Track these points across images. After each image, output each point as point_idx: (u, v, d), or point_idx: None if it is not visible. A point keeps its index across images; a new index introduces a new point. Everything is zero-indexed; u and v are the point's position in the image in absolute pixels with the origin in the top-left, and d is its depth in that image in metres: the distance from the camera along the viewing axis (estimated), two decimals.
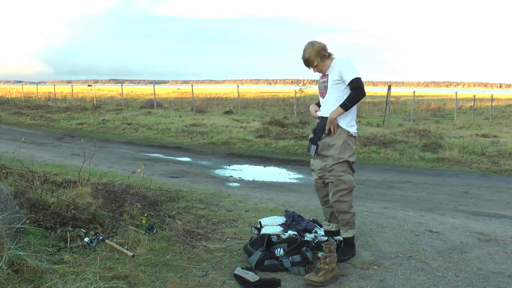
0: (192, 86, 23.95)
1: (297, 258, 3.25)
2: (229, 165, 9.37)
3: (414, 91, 20.05)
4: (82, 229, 3.65)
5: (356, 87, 3.28)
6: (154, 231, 3.79)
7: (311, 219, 4.25)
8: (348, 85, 3.31)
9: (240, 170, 8.91)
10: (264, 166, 9.53)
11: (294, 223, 4.03)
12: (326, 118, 3.40)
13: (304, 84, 22.36)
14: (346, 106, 3.31)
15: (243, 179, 7.79)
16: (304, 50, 3.40)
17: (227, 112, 20.51)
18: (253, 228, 4.02)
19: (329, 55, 3.42)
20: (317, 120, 3.58)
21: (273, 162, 10.02)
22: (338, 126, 3.36)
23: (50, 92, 34.62)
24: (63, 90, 41.19)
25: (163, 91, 49.61)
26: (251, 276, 3.02)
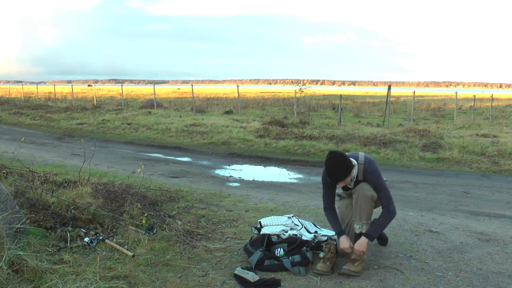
0: (192, 86, 23.95)
1: (297, 258, 3.25)
2: (229, 165, 9.37)
3: (414, 91, 20.04)
4: (82, 229, 3.65)
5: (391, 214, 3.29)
6: (154, 231, 3.79)
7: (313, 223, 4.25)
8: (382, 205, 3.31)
9: (240, 170, 8.91)
10: (264, 166, 9.53)
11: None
12: None
13: (304, 84, 22.39)
14: (372, 237, 3.28)
15: (243, 179, 7.79)
16: (340, 172, 3.15)
17: (227, 112, 20.50)
18: (253, 228, 4.02)
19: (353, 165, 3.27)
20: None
21: (273, 162, 10.02)
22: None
23: (50, 92, 34.64)
24: (63, 90, 41.21)
25: (163, 91, 49.63)
26: (251, 276, 3.02)
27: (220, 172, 8.54)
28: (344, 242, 3.27)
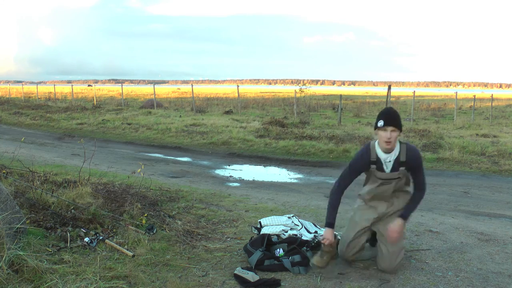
0: (192, 86, 23.95)
1: (297, 258, 3.25)
2: (229, 165, 9.37)
3: (414, 91, 20.04)
4: (82, 229, 3.65)
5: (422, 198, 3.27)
6: (154, 231, 3.79)
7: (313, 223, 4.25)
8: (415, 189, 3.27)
9: (240, 170, 8.91)
10: (264, 166, 9.53)
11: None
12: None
13: (304, 84, 22.41)
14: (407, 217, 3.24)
15: (243, 179, 7.79)
16: (396, 116, 3.24)
17: (227, 112, 20.50)
18: (253, 228, 4.02)
19: None
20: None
21: (273, 162, 10.01)
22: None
23: (50, 92, 34.65)
24: (63, 90, 41.22)
25: (163, 91, 49.64)
26: (251, 276, 3.02)
27: (220, 172, 8.54)
28: (327, 234, 3.20)
